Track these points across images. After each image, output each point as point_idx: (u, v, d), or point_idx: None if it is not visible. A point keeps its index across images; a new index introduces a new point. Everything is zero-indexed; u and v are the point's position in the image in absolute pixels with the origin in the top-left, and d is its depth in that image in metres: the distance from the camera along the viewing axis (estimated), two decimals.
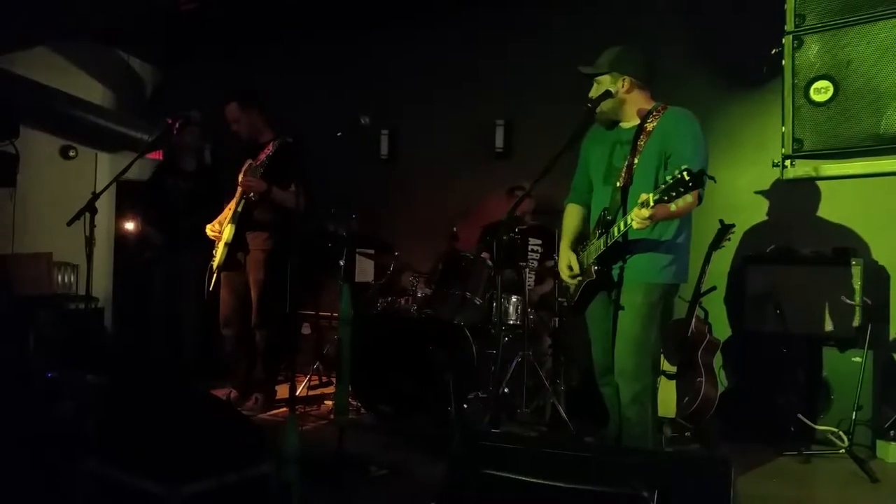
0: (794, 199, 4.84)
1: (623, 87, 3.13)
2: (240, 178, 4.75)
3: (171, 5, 6.18)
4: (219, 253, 4.77)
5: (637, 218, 2.72)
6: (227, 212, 4.83)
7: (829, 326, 4.35)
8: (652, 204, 2.66)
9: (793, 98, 2.87)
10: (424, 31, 6.50)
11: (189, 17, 6.41)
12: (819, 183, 4.69)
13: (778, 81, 2.97)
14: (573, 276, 3.21)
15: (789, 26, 2.89)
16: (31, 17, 5.76)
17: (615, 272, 3.09)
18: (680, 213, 2.87)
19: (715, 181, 2.65)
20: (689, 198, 2.59)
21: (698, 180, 2.55)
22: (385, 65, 6.67)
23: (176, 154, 5.62)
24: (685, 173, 2.53)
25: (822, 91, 2.78)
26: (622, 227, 2.88)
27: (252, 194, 4.64)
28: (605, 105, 3.13)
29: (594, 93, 3.17)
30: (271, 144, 4.59)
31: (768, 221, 4.97)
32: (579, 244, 3.27)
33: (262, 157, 4.61)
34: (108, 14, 5.97)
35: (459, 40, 6.36)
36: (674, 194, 2.58)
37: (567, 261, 3.25)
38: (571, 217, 3.41)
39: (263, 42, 7.12)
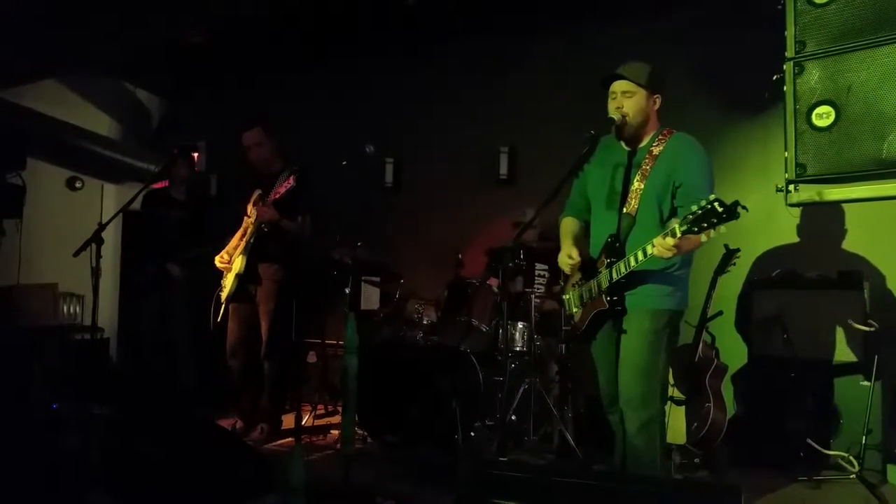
0: (802, 223, 4.85)
1: (655, 104, 3.11)
2: (249, 209, 4.78)
3: (177, 37, 6.26)
4: (228, 283, 4.77)
5: (661, 247, 2.67)
6: (236, 242, 4.85)
7: (836, 351, 4.33)
8: (679, 234, 2.59)
9: (795, 123, 2.89)
10: (428, 60, 6.56)
11: (195, 49, 6.50)
12: (827, 207, 4.69)
13: (780, 107, 2.99)
14: (573, 265, 3.17)
15: (790, 52, 2.92)
16: (39, 50, 5.83)
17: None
18: (703, 244, 2.83)
19: (748, 210, 2.48)
20: (722, 228, 2.48)
21: (732, 212, 2.43)
22: (389, 94, 6.72)
23: (170, 183, 5.66)
24: (716, 204, 2.44)
25: (824, 116, 2.80)
26: (641, 257, 2.81)
27: (264, 225, 4.65)
28: (635, 120, 3.05)
29: (614, 104, 3.06)
30: (292, 177, 4.58)
31: (779, 246, 4.96)
32: (583, 266, 3.24)
33: (282, 189, 4.61)
34: (115, 47, 6.04)
35: (463, 68, 6.42)
36: (705, 226, 2.48)
37: (567, 251, 3.20)
38: (568, 224, 3.39)
39: (268, 73, 7.19)
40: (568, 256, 3.20)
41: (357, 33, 6.38)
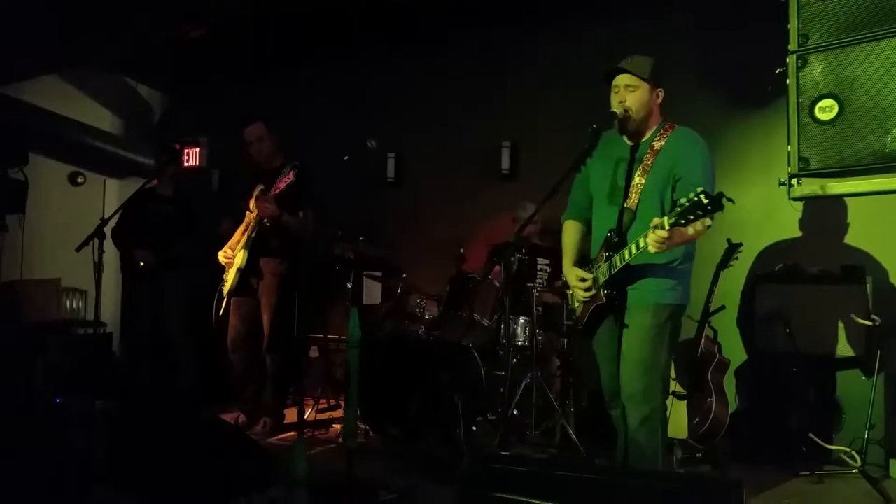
0: (804, 217, 4.84)
1: (658, 98, 3.10)
2: (252, 204, 4.79)
3: (177, 33, 6.26)
4: (230, 278, 4.79)
5: (654, 241, 2.68)
6: (239, 237, 4.86)
7: (839, 345, 4.32)
8: (667, 227, 2.60)
9: (798, 117, 2.87)
10: (430, 55, 6.55)
11: (195, 44, 6.49)
12: (829, 201, 4.68)
13: (783, 100, 2.98)
14: (588, 289, 3.12)
15: (793, 46, 2.90)
16: (40, 46, 5.84)
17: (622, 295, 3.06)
18: (695, 237, 2.84)
19: (734, 202, 2.55)
20: (707, 221, 2.52)
21: (717, 203, 2.47)
22: (391, 88, 6.71)
23: (158, 180, 5.64)
24: (702, 196, 2.47)
25: (827, 110, 2.79)
26: (634, 250, 2.82)
27: (266, 220, 4.66)
28: (638, 114, 3.04)
29: (617, 98, 3.05)
30: (292, 173, 4.60)
31: (781, 240, 4.95)
32: (584, 265, 3.24)
33: (282, 185, 4.63)
34: (117, 43, 6.05)
35: (465, 63, 6.41)
36: (691, 217, 2.52)
37: (576, 275, 3.16)
38: (571, 234, 3.37)
39: (269, 68, 7.19)
40: (580, 280, 3.14)
41: (359, 29, 6.36)
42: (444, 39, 6.40)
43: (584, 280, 3.13)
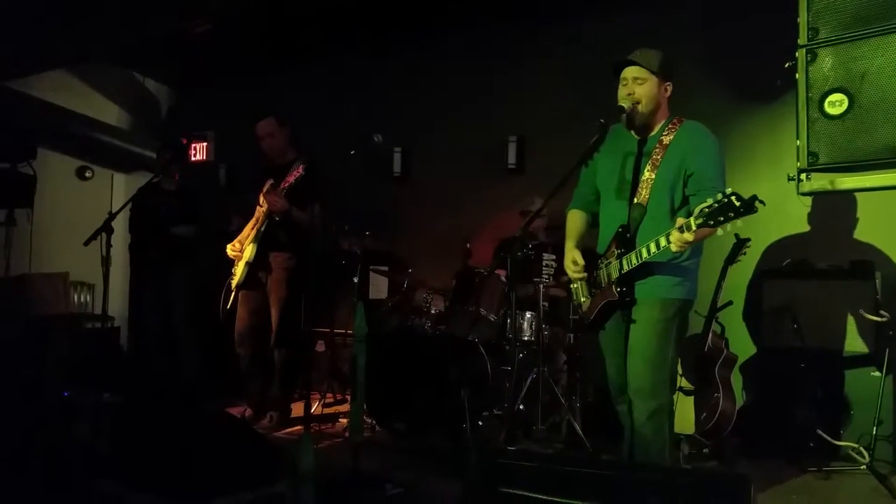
0: (813, 212, 4.82)
1: (666, 92, 3.08)
2: (261, 198, 4.79)
3: (184, 27, 6.26)
4: (239, 271, 4.82)
5: (678, 242, 2.65)
6: (248, 231, 4.87)
7: (847, 341, 4.30)
8: (694, 228, 2.57)
9: (807, 111, 2.86)
10: (436, 49, 6.53)
11: (203, 38, 6.49)
12: (838, 196, 4.65)
13: (792, 95, 2.96)
14: (577, 272, 3.14)
15: (802, 40, 2.89)
16: (46, 40, 5.85)
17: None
18: (711, 234, 2.81)
19: (765, 205, 2.49)
20: (738, 223, 2.49)
21: (750, 207, 2.44)
22: (398, 83, 6.71)
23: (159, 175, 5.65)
24: (733, 198, 2.44)
25: (836, 104, 2.77)
26: (654, 249, 2.79)
27: (276, 214, 4.67)
28: (646, 107, 3.01)
29: (625, 91, 3.03)
30: (301, 167, 4.60)
31: (789, 235, 4.93)
32: (588, 257, 3.22)
33: (291, 179, 4.62)
34: (123, 37, 6.05)
35: (471, 58, 6.39)
36: (721, 219, 2.49)
37: (572, 257, 3.17)
38: (575, 221, 3.35)
39: (277, 62, 7.18)
40: (573, 263, 3.17)
41: (365, 24, 6.35)
42: (450, 34, 6.38)
43: (575, 262, 3.14)
